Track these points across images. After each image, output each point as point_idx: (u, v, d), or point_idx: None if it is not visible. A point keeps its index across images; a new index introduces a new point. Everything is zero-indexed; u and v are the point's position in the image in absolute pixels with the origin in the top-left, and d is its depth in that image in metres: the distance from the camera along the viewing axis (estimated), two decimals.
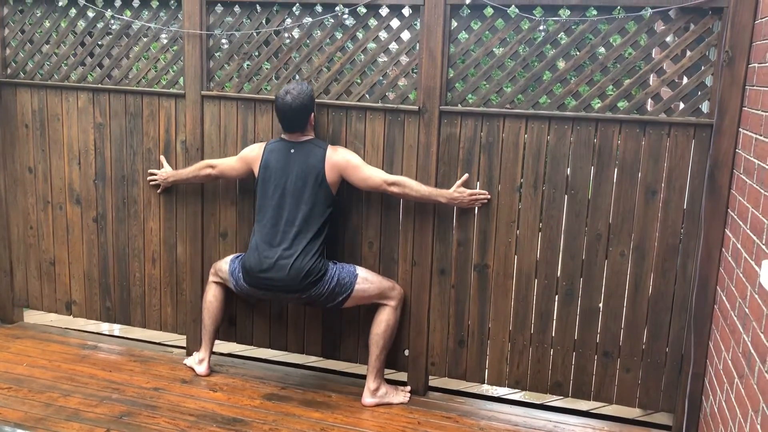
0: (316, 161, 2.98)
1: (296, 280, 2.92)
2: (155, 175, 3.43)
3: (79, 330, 3.94)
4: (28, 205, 3.77)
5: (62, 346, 3.64)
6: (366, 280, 3.04)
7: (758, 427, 1.96)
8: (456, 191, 2.97)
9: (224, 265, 3.23)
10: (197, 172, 3.26)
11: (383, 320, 3.06)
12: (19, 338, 3.71)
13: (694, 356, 2.80)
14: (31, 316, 4.04)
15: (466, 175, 2.99)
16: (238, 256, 3.20)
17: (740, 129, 2.61)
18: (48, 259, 3.80)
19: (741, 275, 2.35)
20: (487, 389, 3.44)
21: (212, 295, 3.29)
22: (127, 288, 3.67)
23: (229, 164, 3.19)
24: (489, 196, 2.99)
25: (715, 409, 2.56)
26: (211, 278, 3.31)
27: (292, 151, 3.01)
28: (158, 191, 3.47)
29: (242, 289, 3.13)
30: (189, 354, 3.54)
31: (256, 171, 3.09)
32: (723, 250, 2.70)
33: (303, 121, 2.99)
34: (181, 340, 3.69)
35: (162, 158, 3.43)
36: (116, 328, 4.10)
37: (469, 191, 2.98)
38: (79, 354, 3.54)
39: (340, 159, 2.99)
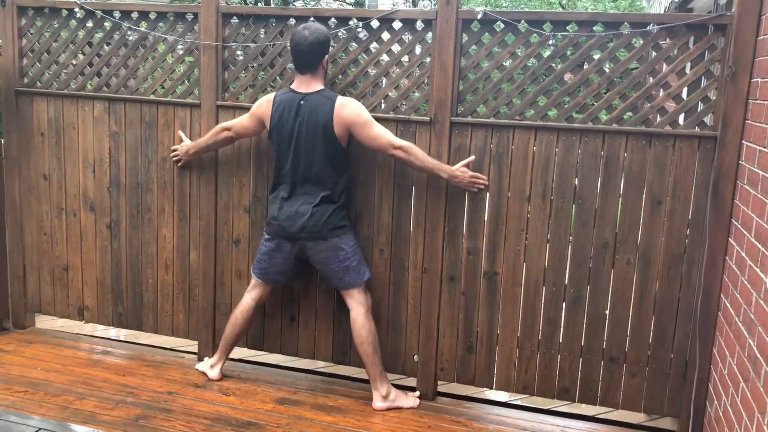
0: (325, 114, 2.96)
1: (318, 224, 2.99)
2: (176, 150, 3.46)
3: (89, 335, 3.99)
4: (42, 211, 3.83)
5: (75, 350, 3.69)
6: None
7: (765, 428, 2.03)
8: (459, 170, 3.02)
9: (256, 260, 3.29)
10: (215, 137, 3.28)
11: (362, 326, 3.11)
12: (32, 343, 3.76)
13: (698, 362, 2.87)
14: (41, 322, 4.08)
15: (473, 156, 3.04)
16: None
17: (743, 141, 2.69)
18: (61, 265, 3.85)
19: (746, 282, 2.43)
20: (490, 394, 3.49)
21: (240, 312, 3.28)
22: (140, 294, 3.72)
23: (241, 123, 3.21)
24: (487, 183, 3.06)
25: (720, 414, 2.63)
26: (249, 288, 3.31)
27: (302, 102, 3.00)
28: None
29: (265, 258, 3.16)
30: (200, 359, 3.59)
31: (267, 124, 3.10)
32: (726, 258, 2.78)
33: (316, 60, 2.98)
34: (191, 345, 3.73)
35: (180, 132, 3.47)
36: (123, 335, 4.10)
37: (471, 173, 3.03)
38: (91, 358, 3.59)
39: (349, 113, 2.97)
